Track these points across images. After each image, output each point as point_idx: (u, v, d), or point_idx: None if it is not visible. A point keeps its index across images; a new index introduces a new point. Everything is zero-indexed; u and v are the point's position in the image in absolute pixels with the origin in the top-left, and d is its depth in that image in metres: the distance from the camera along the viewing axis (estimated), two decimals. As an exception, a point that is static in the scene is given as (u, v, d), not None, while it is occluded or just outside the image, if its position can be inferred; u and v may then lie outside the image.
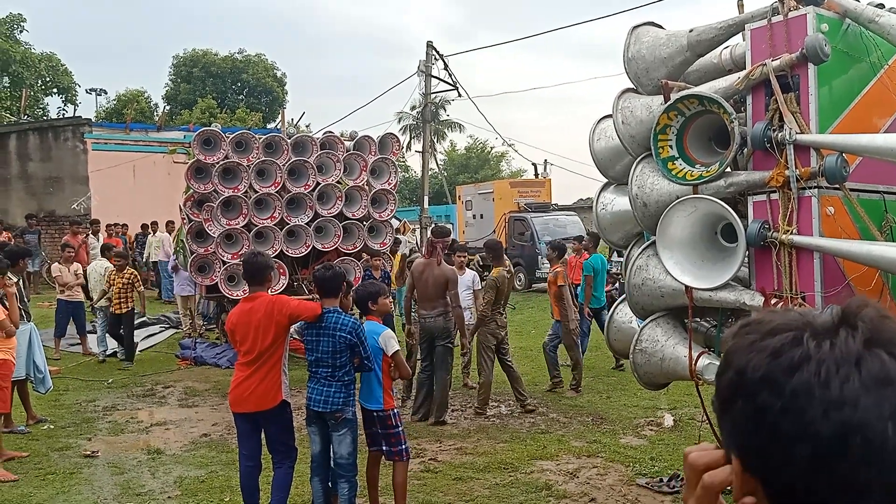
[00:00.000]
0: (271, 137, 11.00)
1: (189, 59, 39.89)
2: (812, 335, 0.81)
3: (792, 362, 0.80)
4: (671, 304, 4.47)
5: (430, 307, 7.58)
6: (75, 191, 20.08)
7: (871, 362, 0.78)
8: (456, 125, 47.93)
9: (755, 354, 0.83)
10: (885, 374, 0.78)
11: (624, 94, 4.71)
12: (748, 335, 0.86)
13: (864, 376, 0.78)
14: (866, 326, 0.81)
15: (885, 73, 4.24)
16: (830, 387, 0.78)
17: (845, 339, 0.80)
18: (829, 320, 0.83)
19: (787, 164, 3.86)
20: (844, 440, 0.77)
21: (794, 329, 0.83)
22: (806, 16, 3.91)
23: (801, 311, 0.87)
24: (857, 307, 0.84)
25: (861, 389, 0.77)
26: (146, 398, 8.87)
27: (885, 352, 0.79)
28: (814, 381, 0.78)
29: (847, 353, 0.79)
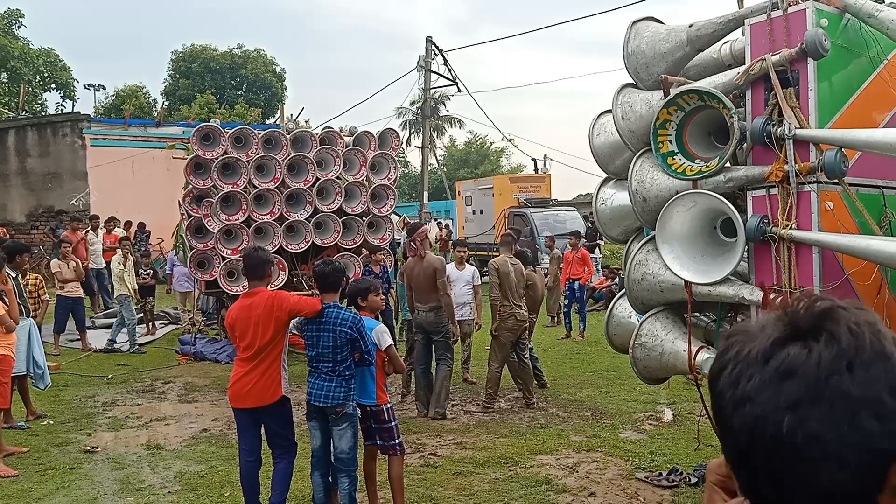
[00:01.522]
0: (270, 133, 10.99)
1: (188, 55, 39.81)
2: (743, 339, 0.87)
3: (721, 366, 0.88)
4: (671, 298, 4.47)
5: (424, 301, 7.63)
6: (74, 186, 20.07)
7: (777, 357, 0.82)
8: (455, 120, 47.96)
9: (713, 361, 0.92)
10: (788, 366, 0.81)
11: (623, 89, 4.70)
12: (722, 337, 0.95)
13: (765, 372, 0.82)
14: (797, 321, 0.85)
15: (885, 68, 4.24)
16: (738, 385, 0.84)
17: (763, 338, 0.85)
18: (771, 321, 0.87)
19: (786, 158, 3.86)
20: (751, 434, 0.82)
21: (740, 333, 0.89)
22: (805, 11, 3.90)
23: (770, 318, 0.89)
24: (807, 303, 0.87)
25: (761, 385, 0.82)
26: (146, 394, 8.88)
27: (800, 344, 0.82)
28: (726, 381, 0.85)
29: (759, 351, 0.84)
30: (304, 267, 10.79)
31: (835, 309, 0.84)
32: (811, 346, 0.81)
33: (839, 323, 0.82)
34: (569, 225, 18.06)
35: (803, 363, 0.80)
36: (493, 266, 8.06)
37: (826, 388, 0.79)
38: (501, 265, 8.00)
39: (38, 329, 7.85)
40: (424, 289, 7.60)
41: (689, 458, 6.08)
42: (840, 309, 0.84)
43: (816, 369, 0.80)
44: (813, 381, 0.79)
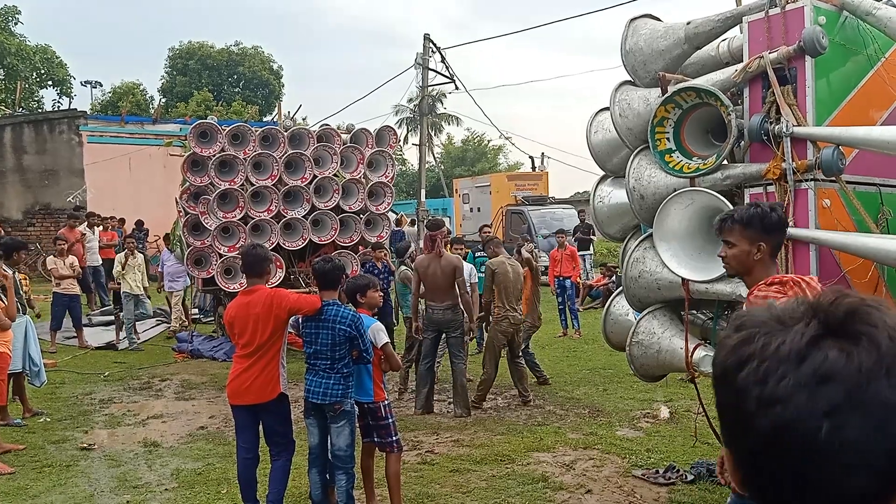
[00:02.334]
0: (268, 130, 10.99)
1: (185, 52, 39.78)
2: (767, 332, 0.82)
3: (740, 360, 0.82)
4: (668, 296, 4.48)
5: (440, 299, 7.57)
6: (71, 183, 20.05)
7: (814, 359, 0.78)
8: (453, 118, 47.95)
9: (721, 350, 0.87)
10: (828, 370, 0.77)
11: (621, 87, 4.71)
12: (728, 329, 0.89)
13: (801, 374, 0.78)
14: (829, 318, 0.81)
15: (883, 66, 4.24)
16: (767, 385, 0.79)
17: (795, 335, 0.80)
18: (798, 312, 0.83)
19: (783, 156, 3.86)
20: (780, 436, 0.78)
21: (758, 325, 0.84)
22: (803, 8, 3.90)
23: (787, 306, 0.86)
24: (831, 298, 0.84)
25: (795, 387, 0.78)
26: (143, 391, 8.87)
27: (837, 348, 0.78)
28: (751, 379, 0.80)
29: (791, 349, 0.80)
30: (301, 264, 10.79)
31: (867, 309, 0.82)
32: (850, 349, 0.78)
33: (877, 326, 0.80)
34: (566, 223, 18.06)
35: (843, 368, 0.77)
36: (490, 268, 8.00)
37: (866, 394, 0.77)
38: (499, 266, 7.96)
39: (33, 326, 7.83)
40: (441, 287, 7.56)
41: (685, 455, 6.09)
42: (872, 309, 0.82)
43: (858, 375, 0.77)
44: (854, 388, 0.77)
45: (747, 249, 2.94)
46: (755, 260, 2.95)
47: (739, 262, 3.00)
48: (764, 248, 2.93)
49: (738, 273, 3.07)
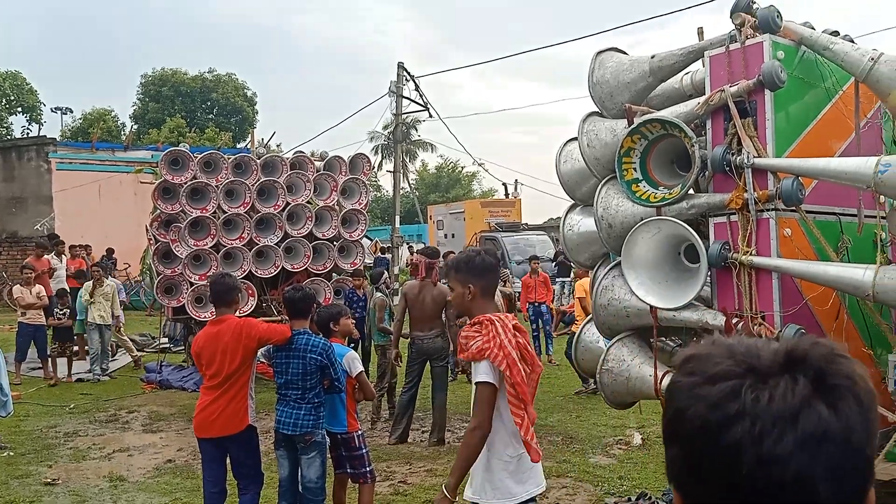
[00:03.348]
0: (241, 158, 10.95)
1: (158, 78, 39.63)
2: (752, 385, 0.81)
3: (728, 416, 0.80)
4: (637, 323, 4.53)
5: (428, 328, 7.53)
6: (39, 211, 19.75)
7: (809, 417, 0.79)
8: (427, 145, 48.25)
9: (695, 402, 0.83)
10: (823, 430, 0.78)
11: (589, 118, 4.80)
12: (692, 376, 0.86)
13: (799, 433, 0.78)
14: (811, 373, 0.81)
15: (840, 98, 4.38)
16: (763, 444, 0.79)
17: (784, 391, 0.80)
18: (774, 363, 0.83)
19: (745, 186, 3.96)
20: (780, 494, 0.78)
21: (735, 377, 0.82)
22: (762, 43, 4.03)
23: (747, 348, 0.86)
24: (805, 347, 0.84)
25: (794, 447, 0.78)
26: (109, 423, 8.69)
27: (825, 404, 0.79)
28: (746, 438, 0.79)
29: (784, 407, 0.79)
30: (273, 292, 10.70)
31: (840, 359, 0.84)
32: (838, 406, 0.80)
33: (853, 379, 0.82)
34: (538, 249, 18.19)
35: (835, 426, 0.79)
36: None
37: (858, 453, 0.81)
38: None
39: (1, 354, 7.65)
40: (429, 315, 7.52)
41: (657, 482, 6.10)
42: (843, 359, 0.84)
43: (849, 434, 0.80)
44: (847, 447, 0.79)
45: (461, 291, 3.17)
46: (469, 301, 3.17)
47: (458, 304, 3.26)
48: (474, 290, 3.16)
49: (462, 313, 3.27)
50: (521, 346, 3.07)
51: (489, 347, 2.99)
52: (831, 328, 4.12)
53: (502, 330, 3.02)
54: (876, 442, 0.84)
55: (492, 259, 3.29)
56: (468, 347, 3.05)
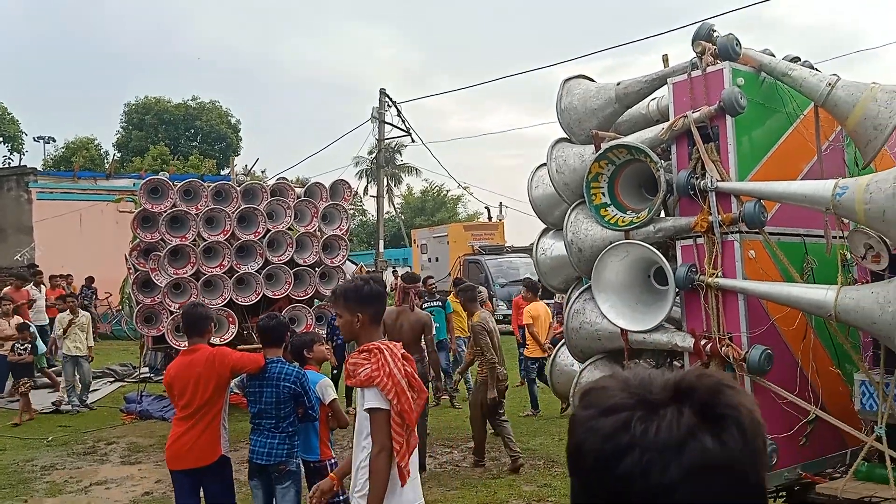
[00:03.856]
0: (220, 185, 10.95)
1: (141, 107, 39.64)
2: (641, 417, 0.83)
3: (619, 448, 0.82)
4: (609, 346, 4.56)
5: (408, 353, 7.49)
6: (19, 241, 19.58)
7: (693, 448, 0.81)
8: (412, 169, 48.47)
9: (590, 435, 0.86)
10: (707, 460, 0.81)
11: (558, 144, 4.87)
12: (588, 409, 0.88)
13: (684, 464, 0.80)
14: (698, 404, 0.83)
15: (802, 123, 4.48)
16: (650, 476, 0.81)
17: (671, 423, 0.82)
18: (663, 395, 0.85)
19: (709, 210, 4.03)
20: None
21: (627, 409, 0.85)
22: (722, 70, 4.12)
23: (641, 381, 0.88)
24: (692, 379, 0.87)
25: (680, 477, 0.80)
26: (87, 456, 8.57)
27: (710, 434, 0.82)
28: (636, 469, 0.81)
29: (670, 438, 0.81)
30: (254, 319, 10.64)
31: (727, 390, 0.86)
32: (722, 436, 0.82)
33: (738, 409, 0.85)
34: (522, 272, 18.24)
35: (719, 455, 0.81)
36: (483, 328, 7.49)
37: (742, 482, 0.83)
38: (487, 324, 7.57)
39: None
40: (407, 342, 7.45)
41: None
42: (730, 389, 0.86)
43: (733, 463, 0.82)
44: (731, 476, 0.82)
45: (349, 319, 3.24)
46: (358, 328, 3.24)
47: (346, 331, 3.33)
48: (362, 318, 3.24)
49: (349, 339, 3.36)
50: (409, 374, 3.15)
51: (378, 375, 3.06)
52: (799, 348, 4.17)
53: (391, 358, 3.10)
54: (764, 470, 0.87)
55: (379, 287, 3.36)
56: (356, 374, 3.11)
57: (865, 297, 3.50)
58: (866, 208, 3.47)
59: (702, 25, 4.32)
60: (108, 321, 17.33)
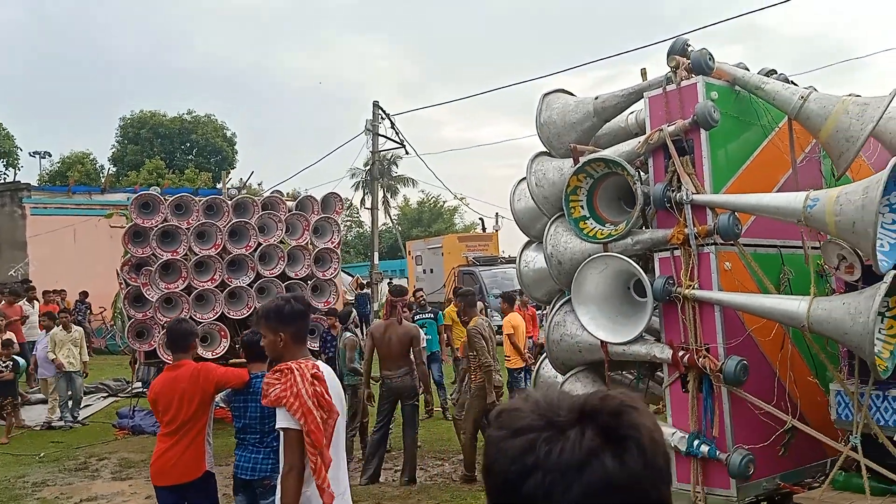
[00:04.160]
0: (212, 200, 10.99)
1: (136, 121, 39.75)
2: (546, 438, 0.86)
3: (524, 469, 0.86)
4: (589, 358, 4.59)
5: (396, 367, 7.53)
6: (13, 257, 19.60)
7: (594, 468, 0.84)
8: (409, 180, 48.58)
9: (500, 455, 0.89)
10: (607, 480, 0.84)
11: (537, 158, 4.92)
12: (500, 430, 0.91)
13: (585, 484, 0.83)
14: (601, 425, 0.86)
15: (777, 135, 4.53)
16: (553, 496, 0.84)
17: (574, 444, 0.85)
18: (569, 417, 0.88)
19: (685, 222, 4.07)
20: None
21: (534, 431, 0.88)
22: (696, 84, 4.18)
23: (550, 403, 0.91)
24: (596, 402, 0.90)
25: (581, 497, 0.83)
26: (78, 472, 8.57)
27: (611, 454, 0.85)
28: (540, 490, 0.84)
29: (572, 458, 0.84)
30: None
31: (630, 411, 0.89)
32: (622, 456, 0.85)
33: (640, 429, 0.88)
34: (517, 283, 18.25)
35: (619, 475, 0.84)
36: (479, 332, 7.50)
37: (644, 500, 0.86)
38: (484, 331, 7.56)
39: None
40: (396, 354, 7.52)
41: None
42: (633, 410, 0.89)
43: (633, 482, 0.85)
44: (631, 495, 0.85)
45: (273, 339, 3.32)
46: (281, 347, 3.32)
47: (270, 350, 3.40)
48: (284, 337, 3.32)
49: (274, 359, 3.43)
50: (318, 394, 3.19)
51: (285, 395, 3.14)
52: (777, 358, 4.21)
53: (300, 378, 3.16)
54: (667, 487, 0.90)
55: (300, 306, 3.43)
56: (268, 394, 3.20)
57: (837, 308, 3.54)
58: (837, 220, 3.51)
59: (676, 40, 4.39)
60: (103, 336, 17.31)
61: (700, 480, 4.03)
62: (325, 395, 3.22)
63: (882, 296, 3.37)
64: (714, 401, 4.01)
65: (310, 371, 3.22)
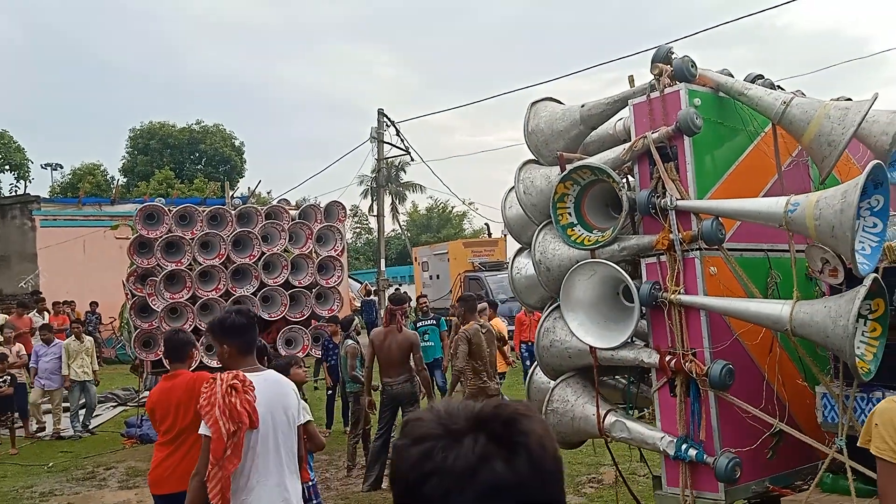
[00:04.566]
0: (216, 210, 11.14)
1: (146, 132, 40.12)
2: (444, 446, 0.93)
3: (423, 474, 0.92)
4: (578, 364, 4.63)
5: (396, 374, 7.61)
6: (23, 269, 19.84)
7: (485, 472, 0.91)
8: (417, 186, 48.71)
9: (402, 463, 0.96)
10: (497, 483, 0.90)
11: (525, 166, 4.97)
12: (404, 438, 0.98)
13: (477, 488, 0.90)
14: (494, 432, 0.93)
15: (763, 140, 4.55)
16: (448, 499, 0.90)
17: (467, 450, 0.92)
18: (466, 425, 0.95)
19: (670, 228, 4.11)
20: None
21: (432, 438, 0.94)
22: (679, 92, 4.22)
23: (450, 412, 0.97)
24: (491, 410, 0.97)
25: (474, 500, 0.89)
26: (86, 481, 8.67)
27: (501, 460, 0.91)
28: (436, 494, 0.91)
29: (466, 464, 0.91)
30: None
31: (521, 418, 0.96)
32: (512, 461, 0.92)
33: (529, 435, 0.94)
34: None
35: (508, 478, 0.91)
36: (465, 336, 7.56)
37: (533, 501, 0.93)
38: (474, 335, 7.59)
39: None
40: (396, 361, 7.61)
41: (623, 519, 6.13)
42: (524, 417, 0.96)
43: (522, 485, 0.92)
44: (521, 496, 0.92)
45: (220, 350, 3.52)
46: (227, 359, 3.52)
47: (220, 361, 3.60)
48: (228, 349, 3.51)
49: (225, 369, 3.58)
50: (231, 405, 3.32)
51: (203, 405, 3.36)
52: (765, 362, 4.23)
53: (218, 389, 3.34)
54: (555, 488, 0.96)
55: (243, 319, 3.56)
56: (200, 403, 3.44)
57: (819, 312, 3.57)
58: (816, 224, 3.54)
59: (660, 48, 4.42)
60: (113, 346, 17.48)
61: (689, 484, 4.05)
62: (237, 406, 3.33)
63: (861, 299, 3.39)
64: (701, 405, 4.04)
65: (228, 382, 3.37)
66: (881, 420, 2.28)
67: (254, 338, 3.65)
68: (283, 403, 3.56)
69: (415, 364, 7.63)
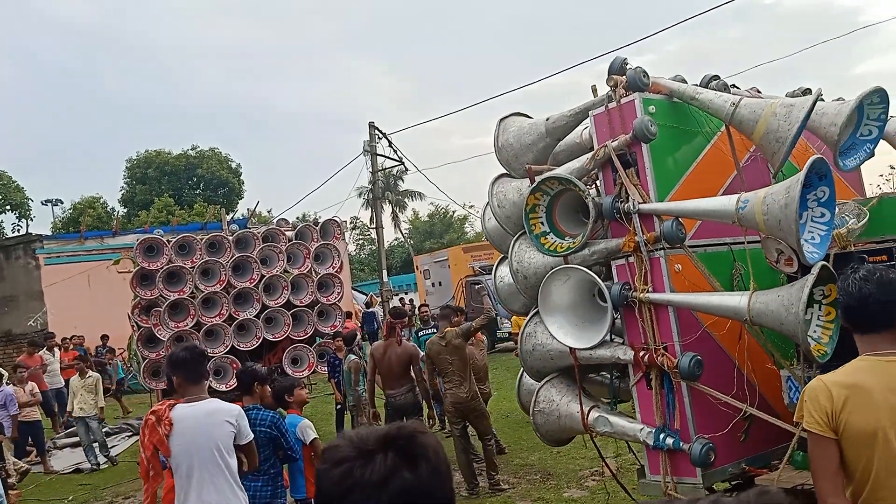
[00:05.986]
0: (214, 237, 11.39)
1: (143, 161, 40.47)
2: (361, 464, 1.17)
3: (344, 489, 1.16)
4: (561, 365, 4.86)
5: (398, 386, 7.85)
6: (30, 307, 20.11)
7: (395, 482, 1.15)
8: (416, 194, 48.95)
9: (325, 483, 1.20)
10: (405, 488, 1.15)
11: (498, 180, 5.21)
12: (325, 463, 1.22)
13: (390, 494, 1.13)
14: (399, 448, 1.18)
15: (719, 140, 4.79)
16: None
17: (380, 465, 1.16)
18: (376, 445, 1.19)
19: (635, 231, 4.34)
20: None
21: (350, 460, 1.18)
22: (634, 101, 4.46)
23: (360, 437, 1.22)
24: (395, 431, 1.22)
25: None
26: (105, 512, 8.91)
27: (407, 470, 1.16)
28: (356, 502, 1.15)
29: (379, 477, 1.14)
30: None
31: (418, 436, 1.22)
32: (416, 470, 1.16)
33: (426, 448, 1.20)
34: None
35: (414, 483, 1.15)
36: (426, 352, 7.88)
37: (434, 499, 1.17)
38: (429, 349, 7.83)
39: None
40: (396, 373, 7.84)
41: (623, 509, 6.34)
42: (421, 434, 1.23)
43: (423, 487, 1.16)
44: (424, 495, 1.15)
45: (174, 381, 4.10)
46: (177, 387, 4.10)
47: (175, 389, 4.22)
48: (176, 381, 4.06)
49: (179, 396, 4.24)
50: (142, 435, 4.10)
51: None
52: (735, 350, 4.45)
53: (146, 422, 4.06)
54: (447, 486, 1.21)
55: (187, 354, 4.03)
56: None
57: (773, 301, 3.79)
58: (765, 219, 3.77)
59: (614, 60, 4.66)
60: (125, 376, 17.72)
61: (669, 471, 4.28)
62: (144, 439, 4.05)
63: (810, 287, 3.62)
64: (675, 395, 4.27)
65: (156, 416, 3.97)
66: (809, 397, 2.52)
67: (198, 369, 4.09)
68: (208, 432, 4.01)
69: (415, 375, 7.86)
